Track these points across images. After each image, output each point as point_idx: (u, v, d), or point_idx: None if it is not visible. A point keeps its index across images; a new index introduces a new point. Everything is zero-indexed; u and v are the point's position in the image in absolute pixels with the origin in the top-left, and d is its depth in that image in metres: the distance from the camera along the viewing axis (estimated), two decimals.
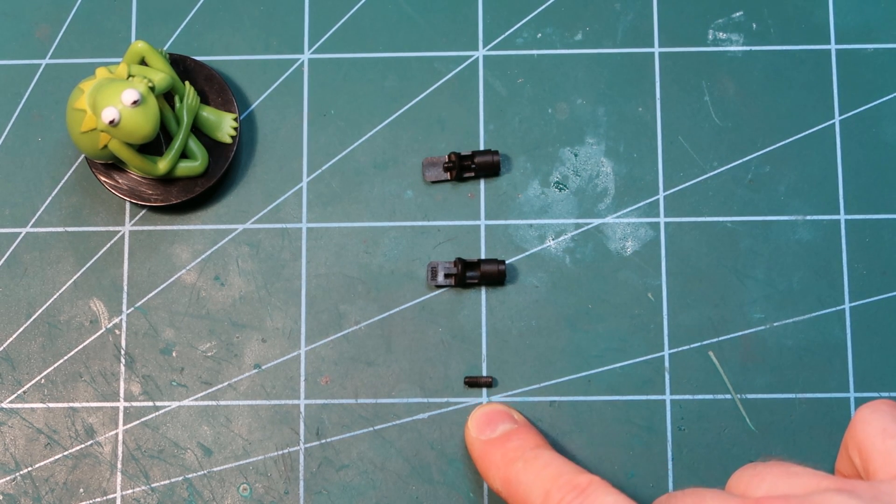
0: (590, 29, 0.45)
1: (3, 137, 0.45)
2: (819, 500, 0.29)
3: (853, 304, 0.43)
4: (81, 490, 0.42)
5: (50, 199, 0.44)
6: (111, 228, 0.44)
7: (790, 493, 0.30)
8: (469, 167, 0.43)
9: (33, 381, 0.43)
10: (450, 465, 0.42)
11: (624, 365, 0.42)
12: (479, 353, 0.43)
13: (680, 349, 0.43)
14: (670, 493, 0.33)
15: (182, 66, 0.44)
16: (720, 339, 0.43)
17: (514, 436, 0.39)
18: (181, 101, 0.42)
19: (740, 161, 0.44)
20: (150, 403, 0.43)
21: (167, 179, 0.43)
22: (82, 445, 0.42)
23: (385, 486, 0.42)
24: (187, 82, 0.43)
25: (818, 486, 0.30)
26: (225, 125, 0.43)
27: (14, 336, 0.43)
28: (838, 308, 0.43)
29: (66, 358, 0.43)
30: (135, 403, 0.43)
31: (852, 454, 0.33)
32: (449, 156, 0.43)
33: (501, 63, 0.45)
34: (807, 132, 0.44)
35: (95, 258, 0.44)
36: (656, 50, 0.45)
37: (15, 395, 0.43)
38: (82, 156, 0.44)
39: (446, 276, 0.43)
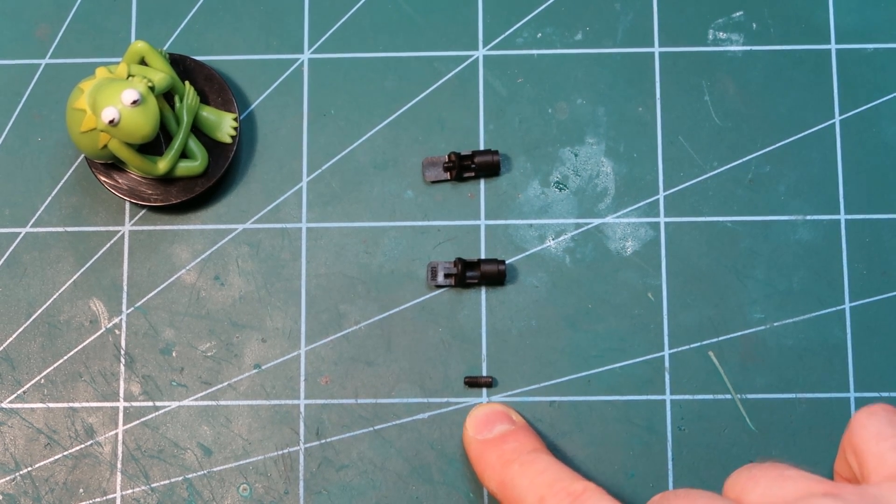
0: (590, 29, 0.45)
1: (3, 137, 0.45)
2: None
3: (853, 304, 0.43)
4: (81, 490, 0.42)
5: (50, 199, 0.44)
6: (111, 228, 0.44)
7: (781, 497, 0.30)
8: (469, 167, 0.43)
9: (33, 381, 0.43)
10: (450, 465, 0.42)
11: (624, 365, 0.42)
12: (479, 353, 0.43)
13: (680, 349, 0.43)
14: (663, 494, 0.33)
15: (182, 66, 0.44)
16: (720, 339, 0.43)
17: (511, 437, 0.39)
18: (181, 101, 0.42)
19: (740, 161, 0.44)
20: (150, 403, 0.43)
21: (167, 179, 0.43)
22: (82, 445, 0.42)
23: (385, 486, 0.42)
24: (187, 82, 0.43)
25: (809, 490, 0.30)
26: (225, 125, 0.43)
27: (14, 336, 0.43)
28: (838, 308, 0.43)
29: (65, 358, 0.43)
30: (135, 403, 0.43)
31: (849, 457, 0.34)
32: (449, 156, 0.43)
33: (501, 63, 0.45)
34: (807, 132, 0.44)
35: (95, 258, 0.44)
36: (656, 50, 0.45)
37: (15, 395, 0.43)
38: (82, 156, 0.44)
39: (446, 276, 0.43)
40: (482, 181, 0.44)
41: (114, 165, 0.43)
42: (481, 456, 0.38)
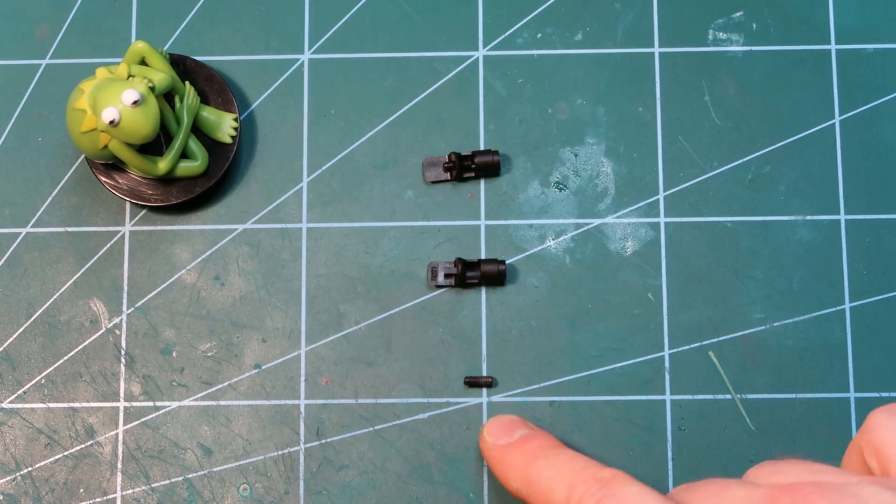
0: (590, 29, 0.45)
1: (3, 137, 0.45)
2: (857, 490, 0.29)
3: (853, 304, 0.43)
4: (81, 490, 0.42)
5: (50, 199, 0.44)
6: (111, 228, 0.44)
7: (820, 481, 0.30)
8: (469, 167, 0.43)
9: (33, 381, 0.43)
10: (450, 465, 0.42)
11: (624, 365, 0.42)
12: (479, 353, 0.43)
13: (680, 349, 0.43)
14: (689, 483, 0.33)
15: (182, 66, 0.44)
16: (720, 339, 0.43)
17: (533, 438, 0.39)
18: (181, 101, 0.42)
19: (740, 161, 0.44)
20: (150, 403, 0.43)
21: (167, 179, 0.43)
22: (82, 445, 0.42)
23: (385, 486, 0.42)
24: (187, 82, 0.43)
25: (849, 480, 0.30)
26: (225, 125, 0.43)
27: (14, 336, 0.43)
28: (838, 308, 0.43)
29: (66, 358, 0.43)
30: (135, 403, 0.43)
31: (868, 458, 0.33)
32: (449, 156, 0.43)
33: (501, 63, 0.45)
34: (807, 132, 0.44)
35: (95, 258, 0.44)
36: (656, 50, 0.45)
37: (15, 395, 0.43)
38: (82, 156, 0.44)
39: (446, 276, 0.43)
40: (482, 181, 0.44)
41: (114, 165, 0.43)
42: (503, 459, 0.38)
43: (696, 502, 0.31)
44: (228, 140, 0.43)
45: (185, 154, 0.42)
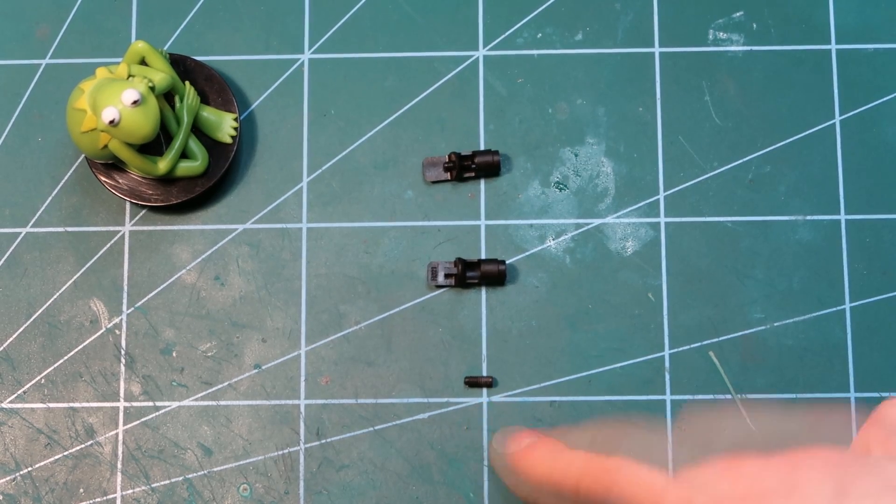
0: (590, 29, 0.45)
1: (3, 137, 0.45)
2: (879, 464, 0.29)
3: (853, 304, 0.43)
4: (81, 490, 0.42)
5: (50, 199, 0.44)
6: (111, 228, 0.44)
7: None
8: (469, 167, 0.43)
9: (33, 381, 0.43)
10: (450, 465, 0.42)
11: (624, 365, 0.42)
12: (479, 353, 0.43)
13: (680, 349, 0.43)
14: (697, 463, 0.32)
15: (182, 66, 0.44)
16: (720, 339, 0.43)
17: (541, 444, 0.39)
18: (181, 101, 0.42)
19: (740, 161, 0.44)
20: (151, 403, 0.43)
21: (167, 179, 0.43)
22: (82, 445, 0.42)
23: (385, 486, 0.42)
24: (187, 82, 0.43)
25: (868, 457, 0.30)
26: (225, 125, 0.43)
27: (14, 336, 0.43)
28: (838, 308, 0.43)
29: (66, 358, 0.43)
30: (135, 403, 0.43)
31: (874, 448, 0.33)
32: (449, 156, 0.43)
33: (501, 63, 0.45)
34: (807, 132, 0.44)
35: (95, 258, 0.44)
36: (656, 50, 0.45)
37: (15, 395, 0.43)
38: (82, 156, 0.44)
39: (446, 276, 0.43)
40: (482, 181, 0.44)
41: (114, 165, 0.43)
42: (514, 466, 0.39)
43: (708, 479, 0.31)
44: (228, 140, 0.43)
45: (185, 154, 0.42)
